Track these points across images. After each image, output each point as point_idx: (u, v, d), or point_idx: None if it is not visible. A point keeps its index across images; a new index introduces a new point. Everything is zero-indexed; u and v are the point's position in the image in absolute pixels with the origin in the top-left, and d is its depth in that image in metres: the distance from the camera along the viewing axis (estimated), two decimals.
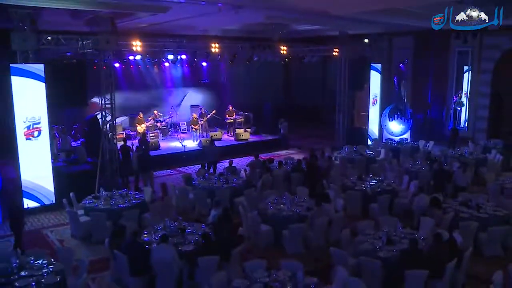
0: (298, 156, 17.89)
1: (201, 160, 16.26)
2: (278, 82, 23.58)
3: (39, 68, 11.86)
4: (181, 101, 23.50)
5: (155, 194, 11.85)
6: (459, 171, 12.47)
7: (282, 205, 10.33)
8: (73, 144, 17.84)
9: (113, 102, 13.52)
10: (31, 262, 7.37)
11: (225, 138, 21.26)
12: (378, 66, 20.25)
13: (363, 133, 20.55)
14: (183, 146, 18.93)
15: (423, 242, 8.06)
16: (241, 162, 17.44)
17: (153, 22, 15.15)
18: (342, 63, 19.78)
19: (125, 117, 21.18)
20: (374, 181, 12.39)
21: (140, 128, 19.50)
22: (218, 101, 24.14)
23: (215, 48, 15.34)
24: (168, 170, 17.05)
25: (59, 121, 17.77)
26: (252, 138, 21.31)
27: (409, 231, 8.69)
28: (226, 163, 14.69)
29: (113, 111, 13.62)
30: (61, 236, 10.68)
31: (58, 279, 6.85)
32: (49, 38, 12.10)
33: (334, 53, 19.24)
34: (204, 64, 22.67)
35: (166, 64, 21.52)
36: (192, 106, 23.59)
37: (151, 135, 20.42)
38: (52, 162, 13.86)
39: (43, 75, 11.92)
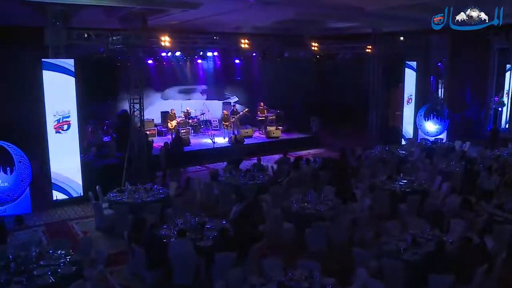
0: (329, 154, 17.52)
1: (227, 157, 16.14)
2: (311, 79, 23.15)
3: (69, 63, 12.07)
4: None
5: (180, 188, 11.81)
6: (485, 173, 11.81)
7: (306, 203, 10.08)
8: (105, 139, 18.18)
9: (141, 97, 13.59)
10: (50, 252, 7.45)
11: (256, 135, 21.13)
12: (413, 64, 19.58)
13: (397, 132, 19.91)
14: (214, 142, 18.93)
15: (451, 245, 7.62)
16: (272, 160, 17.21)
17: (185, 19, 15.16)
18: (375, 60, 19.24)
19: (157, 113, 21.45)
20: (404, 181, 11.92)
21: (171, 124, 19.63)
22: (251, 99, 24.05)
23: (244, 44, 15.21)
24: (198, 167, 17.07)
25: (93, 116, 18.20)
26: (283, 136, 21.08)
27: (437, 233, 8.25)
28: (254, 161, 14.58)
29: (141, 106, 13.72)
30: (86, 228, 10.83)
31: (74, 270, 6.87)
32: (79, 34, 12.26)
33: (367, 50, 18.72)
34: (237, 61, 22.77)
35: (199, 61, 21.73)
36: (224, 103, 23.61)
37: (182, 131, 20.51)
38: (83, 156, 14.21)
39: (73, 70, 12.13)
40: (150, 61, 19.89)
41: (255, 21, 16.63)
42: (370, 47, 18.45)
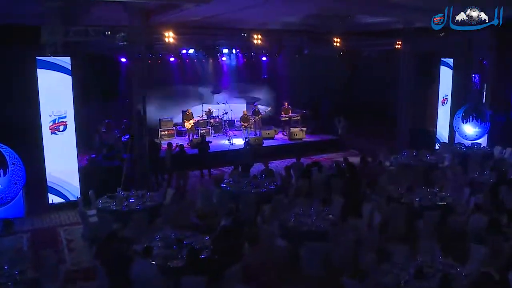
0: (352, 159, 16.17)
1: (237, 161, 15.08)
2: (338, 78, 21.81)
3: (65, 60, 11.50)
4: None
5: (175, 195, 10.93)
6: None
7: (306, 217, 8.95)
8: (123, 139, 17.67)
9: (145, 96, 12.83)
10: (6, 268, 6.76)
11: (279, 137, 20.03)
12: (450, 61, 17.84)
13: (430, 135, 18.22)
14: (231, 144, 18.05)
15: (464, 280, 6.28)
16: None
17: (202, 16, 14.25)
18: (405, 57, 17.65)
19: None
20: (426, 192, 10.52)
21: (188, 124, 18.88)
22: (275, 98, 23.01)
23: (257, 40, 14.16)
24: (211, 169, 16.17)
25: (109, 115, 17.76)
26: (307, 138, 19.89)
27: (451, 262, 6.91)
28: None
29: (144, 105, 12.94)
30: (72, 236, 10.19)
31: None
32: (77, 30, 11.65)
33: (396, 47, 17.17)
34: (264, 58, 21.77)
35: (224, 58, 20.90)
36: (248, 103, 22.68)
37: (201, 131, 19.81)
38: (89, 157, 13.71)
39: (70, 68, 11.55)
40: (172, 59, 19.28)
41: (280, 17, 15.50)
42: (399, 43, 16.87)
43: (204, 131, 19.90)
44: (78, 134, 11.99)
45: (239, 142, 18.47)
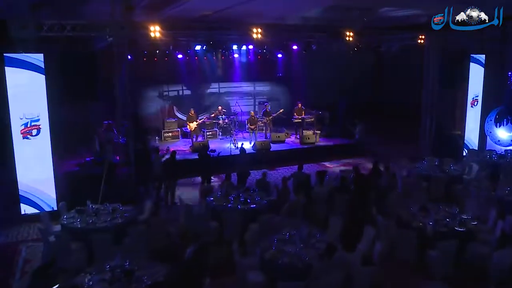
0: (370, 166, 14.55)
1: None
2: (359, 77, 20.07)
3: (38, 58, 10.41)
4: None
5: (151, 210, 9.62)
6: None
7: (292, 244, 7.48)
8: (122, 141, 16.64)
9: (127, 96, 11.64)
10: None
11: (290, 140, 18.47)
12: (481, 57, 15.86)
13: (457, 141, 16.28)
14: (236, 147, 16.66)
15: None
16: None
17: (211, 9, 12.93)
18: (431, 54, 15.82)
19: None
20: (443, 213, 8.85)
21: (191, 126, 17.63)
22: (290, 97, 21.51)
23: (257, 34, 12.70)
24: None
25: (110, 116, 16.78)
26: (321, 142, 18.27)
27: None
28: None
29: (125, 108, 11.74)
30: (32, 255, 9.05)
31: None
32: (52, 25, 10.53)
33: (419, 41, 15.34)
34: (280, 56, 20.34)
35: (236, 55, 19.59)
36: (260, 103, 21.28)
37: (208, 133, 18.55)
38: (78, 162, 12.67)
39: (43, 66, 10.45)
40: (180, 56, 18.09)
41: (297, 10, 13.97)
42: (422, 37, 15.02)
43: (210, 133, 18.65)
44: (54, 139, 10.90)
45: (245, 146, 17.06)
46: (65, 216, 9.12)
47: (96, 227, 8.63)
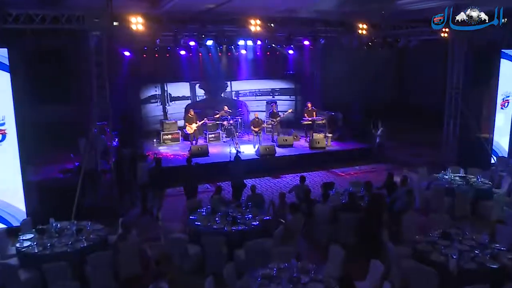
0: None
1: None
2: (377, 75, 18.46)
3: (1, 53, 9.13)
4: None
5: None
6: None
7: (277, 285, 6.02)
8: (114, 144, 15.40)
9: (106, 96, 10.30)
10: None
11: (299, 144, 16.90)
12: None
13: (484, 146, 14.46)
14: (239, 152, 15.23)
15: None
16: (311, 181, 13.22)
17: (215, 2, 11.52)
18: (455, 49, 14.09)
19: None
20: (470, 243, 7.25)
21: (190, 128, 16.27)
22: (298, 97, 20.04)
23: (255, 26, 11.19)
24: (207, 185, 13.42)
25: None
26: (333, 146, 16.63)
27: None
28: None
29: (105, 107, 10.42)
30: None
31: None
32: (18, 15, 9.24)
33: (442, 35, 13.60)
34: (291, 52, 18.86)
35: (243, 51, 18.17)
36: (267, 102, 19.82)
37: (210, 136, 17.16)
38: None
39: (7, 63, 9.18)
40: (182, 52, 16.77)
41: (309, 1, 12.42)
42: (446, 30, 13.26)
43: (213, 136, 17.25)
44: (22, 145, 9.64)
45: (249, 150, 15.64)
46: (21, 238, 7.85)
47: (54, 252, 7.34)
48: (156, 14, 10.43)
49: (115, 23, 9.72)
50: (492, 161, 14.08)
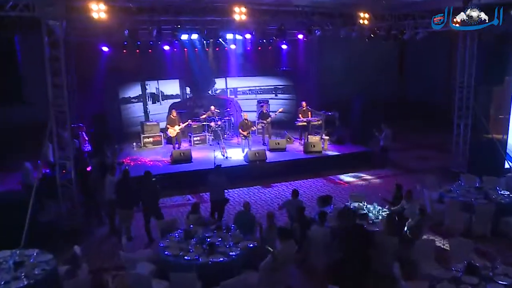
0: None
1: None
2: (381, 71, 17.02)
3: None
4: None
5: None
6: None
7: None
8: (88, 148, 13.88)
9: (64, 95, 8.73)
10: None
11: (293, 148, 15.32)
12: None
13: (498, 149, 12.96)
14: (225, 158, 13.76)
15: None
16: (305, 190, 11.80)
17: None
18: (466, 42, 12.65)
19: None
20: (502, 278, 5.82)
21: (173, 131, 14.76)
22: (295, 95, 18.61)
23: (240, 14, 9.64)
24: (188, 196, 11.93)
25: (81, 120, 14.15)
26: (330, 150, 15.04)
27: None
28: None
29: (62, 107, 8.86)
30: None
31: None
32: None
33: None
34: (284, 46, 17.41)
35: (233, 46, 16.73)
36: (259, 102, 18.35)
37: (195, 139, 15.63)
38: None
39: None
40: (166, 47, 15.44)
41: None
42: (456, 20, 11.74)
43: (198, 138, 15.71)
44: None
45: (237, 156, 14.10)
46: None
47: None
48: (121, 0, 8.86)
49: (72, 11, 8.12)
50: (507, 166, 12.65)
